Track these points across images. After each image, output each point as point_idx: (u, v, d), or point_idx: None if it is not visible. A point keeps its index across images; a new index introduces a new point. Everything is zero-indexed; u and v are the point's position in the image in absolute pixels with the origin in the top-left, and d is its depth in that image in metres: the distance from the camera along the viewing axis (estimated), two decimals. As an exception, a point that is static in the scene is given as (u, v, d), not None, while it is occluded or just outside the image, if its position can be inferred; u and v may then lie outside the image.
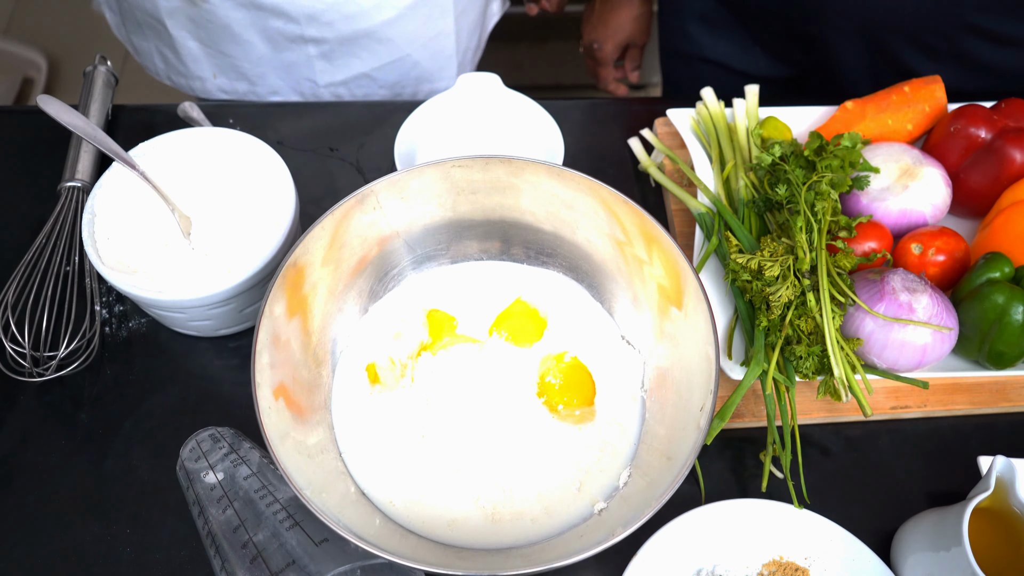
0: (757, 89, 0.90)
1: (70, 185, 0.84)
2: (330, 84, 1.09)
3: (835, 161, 0.79)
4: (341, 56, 1.05)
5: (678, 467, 0.59)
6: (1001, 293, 0.71)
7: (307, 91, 1.10)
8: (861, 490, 0.75)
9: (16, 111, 1.16)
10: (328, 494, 0.61)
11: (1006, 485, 0.63)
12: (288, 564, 0.58)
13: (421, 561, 0.56)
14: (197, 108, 0.92)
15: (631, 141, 0.93)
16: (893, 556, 0.70)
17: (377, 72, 1.08)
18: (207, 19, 1.00)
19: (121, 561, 0.69)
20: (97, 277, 0.80)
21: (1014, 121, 0.83)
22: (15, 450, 0.74)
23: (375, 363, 0.73)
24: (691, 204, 0.84)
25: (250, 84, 1.09)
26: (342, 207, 0.68)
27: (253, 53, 1.04)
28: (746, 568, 0.69)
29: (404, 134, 0.87)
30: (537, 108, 0.89)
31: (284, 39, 1.02)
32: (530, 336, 0.75)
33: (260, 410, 0.59)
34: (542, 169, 0.70)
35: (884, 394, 0.78)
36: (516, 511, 0.67)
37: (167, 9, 1.00)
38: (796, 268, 0.73)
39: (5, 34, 2.32)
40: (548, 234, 0.76)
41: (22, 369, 0.74)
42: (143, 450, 0.74)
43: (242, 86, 1.09)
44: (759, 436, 0.76)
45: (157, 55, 1.09)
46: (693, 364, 0.66)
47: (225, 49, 1.04)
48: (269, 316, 0.63)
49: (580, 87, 2.19)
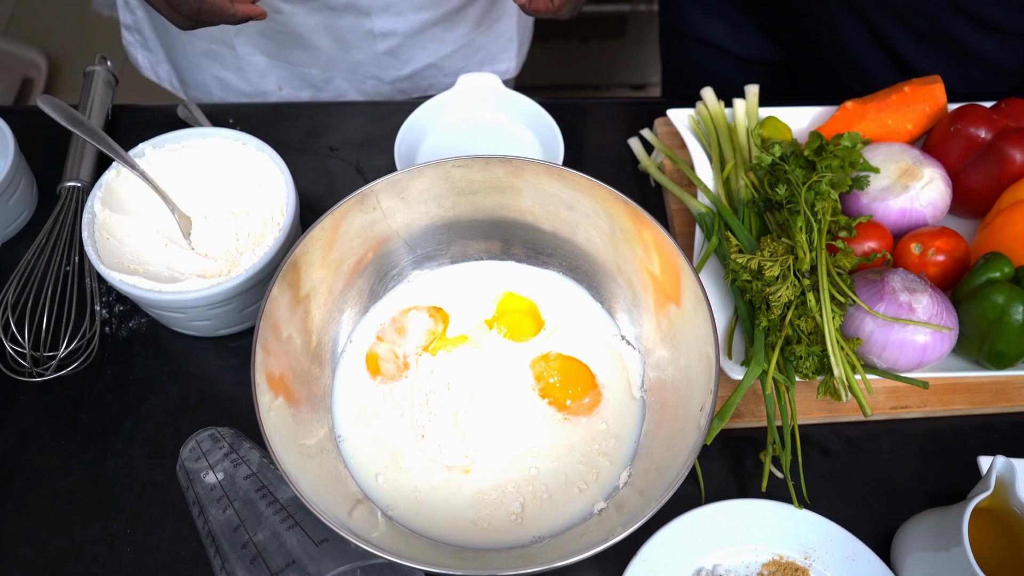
0: (757, 89, 0.90)
1: (70, 185, 0.84)
2: (396, 79, 1.09)
3: (835, 161, 0.79)
4: (409, 49, 1.05)
5: (678, 467, 0.59)
6: (1001, 293, 0.71)
7: (371, 90, 1.10)
8: (861, 490, 0.75)
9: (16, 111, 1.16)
10: (328, 494, 0.61)
11: (1006, 485, 0.63)
12: (288, 564, 0.58)
13: (421, 561, 0.56)
14: (197, 108, 0.92)
15: (631, 141, 0.93)
16: (893, 556, 0.70)
17: (444, 61, 1.09)
18: (278, 30, 1.01)
19: (121, 561, 0.69)
20: (97, 277, 0.80)
21: (1014, 121, 0.83)
22: (15, 450, 0.74)
23: (377, 353, 0.73)
24: (691, 204, 0.84)
25: (316, 91, 1.09)
26: (342, 207, 0.68)
27: (321, 57, 1.05)
28: (746, 568, 0.69)
29: (404, 134, 0.87)
30: (537, 108, 0.89)
31: (354, 37, 1.03)
32: (527, 330, 0.75)
33: (260, 410, 0.59)
34: (542, 169, 0.70)
35: (884, 394, 0.78)
36: (516, 511, 0.67)
37: (235, 28, 1.01)
38: (796, 268, 0.73)
39: (5, 34, 2.31)
40: (548, 234, 0.76)
41: (22, 369, 0.74)
42: (143, 450, 0.74)
43: (306, 94, 1.10)
44: (759, 436, 0.76)
45: (214, 81, 1.10)
46: (693, 364, 0.66)
47: (293, 58, 1.05)
48: (269, 316, 0.63)
49: (580, 87, 2.19)
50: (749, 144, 0.87)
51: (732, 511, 0.69)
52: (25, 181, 0.85)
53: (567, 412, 0.71)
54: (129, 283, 0.71)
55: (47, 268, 0.80)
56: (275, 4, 0.97)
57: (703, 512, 0.68)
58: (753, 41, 1.12)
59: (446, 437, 0.69)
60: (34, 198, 0.88)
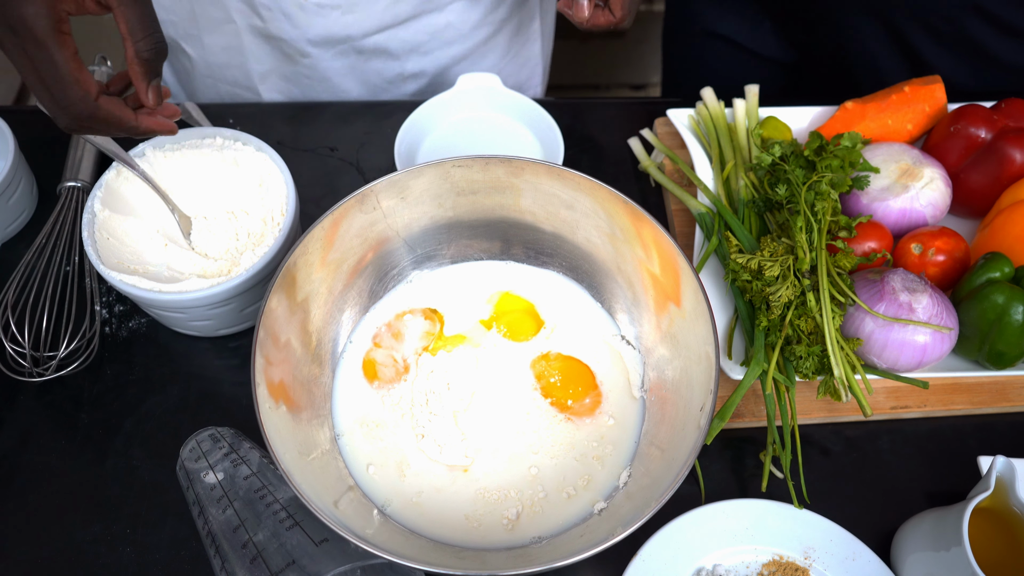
0: (757, 89, 0.90)
1: (70, 185, 0.84)
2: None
3: (835, 161, 0.79)
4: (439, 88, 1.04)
5: (678, 467, 0.59)
6: (1001, 293, 0.71)
7: None
8: (861, 490, 0.75)
9: (16, 111, 1.16)
10: (328, 494, 0.61)
11: (1006, 485, 0.63)
12: (288, 564, 0.58)
13: (421, 561, 0.56)
14: (197, 108, 0.92)
15: (631, 141, 0.93)
16: (893, 556, 0.70)
17: None
18: (305, 74, 1.00)
19: (121, 561, 0.69)
20: (97, 277, 0.80)
21: (1014, 121, 0.83)
22: (15, 450, 0.74)
23: (375, 359, 0.73)
24: (691, 204, 0.84)
25: None
26: (342, 207, 0.68)
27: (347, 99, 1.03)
28: (746, 568, 0.69)
29: (404, 134, 0.87)
30: (537, 108, 0.89)
31: (383, 80, 1.02)
32: (527, 330, 0.75)
33: (260, 410, 0.59)
34: (542, 169, 0.70)
35: (884, 394, 0.78)
36: (516, 511, 0.67)
37: (260, 74, 1.00)
38: (796, 268, 0.73)
39: (5, 34, 2.31)
40: (548, 234, 0.76)
41: (22, 369, 0.74)
42: (143, 450, 0.74)
43: None
44: (759, 436, 0.76)
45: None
46: (693, 364, 0.66)
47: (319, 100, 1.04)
48: (269, 316, 0.63)
49: (580, 87, 2.19)
50: (749, 144, 0.87)
51: (732, 511, 0.69)
52: (25, 181, 0.85)
53: (568, 412, 0.71)
54: (129, 283, 0.71)
55: (47, 268, 0.80)
56: (302, 48, 0.96)
57: (703, 512, 0.68)
58: (769, 38, 1.11)
59: (446, 437, 0.69)
60: (34, 198, 0.88)
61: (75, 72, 0.57)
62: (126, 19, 0.57)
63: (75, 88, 0.57)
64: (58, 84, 0.57)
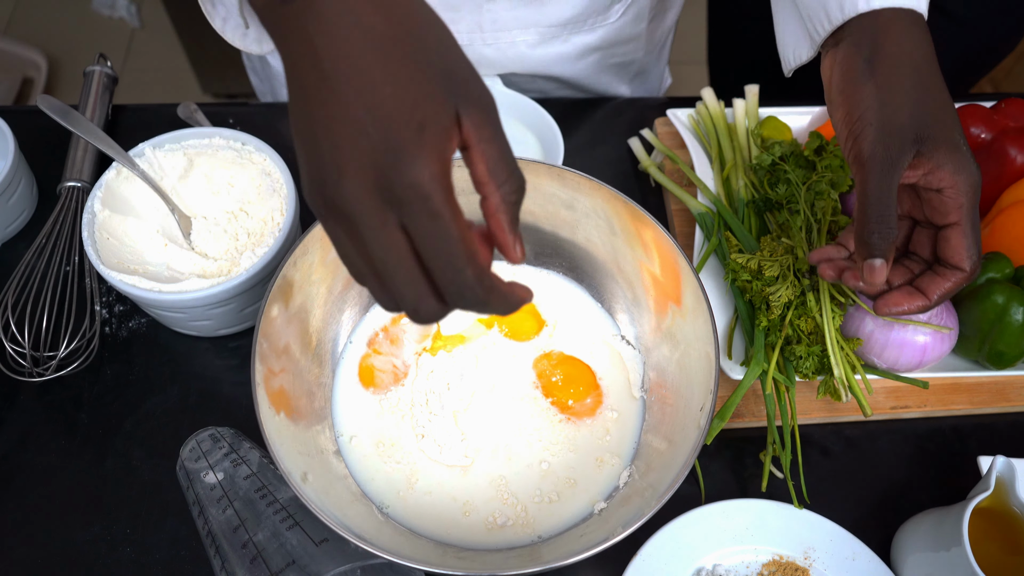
0: (757, 89, 0.90)
1: (70, 185, 0.84)
2: None
3: (835, 161, 0.79)
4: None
5: (678, 467, 0.59)
6: (1001, 293, 0.71)
7: None
8: (861, 490, 0.75)
9: (16, 111, 1.16)
10: (328, 494, 0.61)
11: (1006, 485, 0.63)
12: (288, 564, 0.58)
13: (421, 561, 0.56)
14: (197, 108, 0.92)
15: (631, 141, 0.93)
16: (893, 556, 0.70)
17: None
18: None
19: (121, 561, 0.69)
20: (97, 277, 0.80)
21: (1014, 121, 0.83)
22: (15, 450, 0.74)
23: (373, 365, 0.73)
24: (691, 204, 0.84)
25: None
26: (342, 207, 0.68)
27: None
28: (746, 568, 0.69)
29: (404, 134, 0.87)
30: (537, 108, 0.89)
31: None
32: (529, 329, 0.75)
33: (260, 410, 0.59)
34: (542, 169, 0.70)
35: (884, 394, 0.78)
36: (516, 511, 0.67)
37: None
38: (796, 268, 0.73)
39: (5, 34, 2.32)
40: (548, 234, 0.76)
41: (22, 369, 0.74)
42: (143, 450, 0.74)
43: None
44: (759, 436, 0.76)
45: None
46: (693, 364, 0.66)
47: None
48: (269, 316, 0.63)
49: (580, 87, 2.19)
50: (749, 144, 0.87)
51: (732, 511, 0.69)
52: (25, 181, 0.85)
53: (569, 412, 0.71)
54: (129, 283, 0.71)
55: (47, 268, 0.80)
56: None
57: (703, 512, 0.68)
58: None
59: (446, 437, 0.69)
60: (34, 198, 0.88)
61: (471, 246, 0.42)
62: (486, 159, 0.45)
63: (471, 267, 0.42)
64: (449, 266, 0.42)
